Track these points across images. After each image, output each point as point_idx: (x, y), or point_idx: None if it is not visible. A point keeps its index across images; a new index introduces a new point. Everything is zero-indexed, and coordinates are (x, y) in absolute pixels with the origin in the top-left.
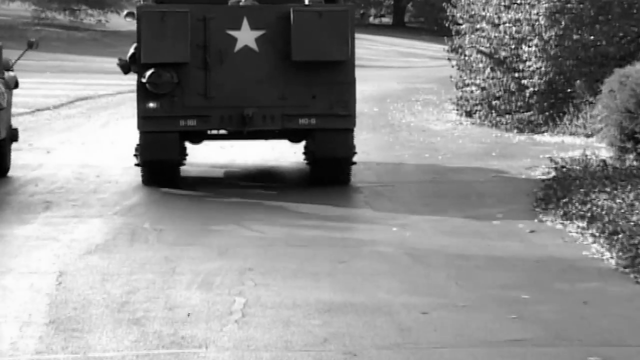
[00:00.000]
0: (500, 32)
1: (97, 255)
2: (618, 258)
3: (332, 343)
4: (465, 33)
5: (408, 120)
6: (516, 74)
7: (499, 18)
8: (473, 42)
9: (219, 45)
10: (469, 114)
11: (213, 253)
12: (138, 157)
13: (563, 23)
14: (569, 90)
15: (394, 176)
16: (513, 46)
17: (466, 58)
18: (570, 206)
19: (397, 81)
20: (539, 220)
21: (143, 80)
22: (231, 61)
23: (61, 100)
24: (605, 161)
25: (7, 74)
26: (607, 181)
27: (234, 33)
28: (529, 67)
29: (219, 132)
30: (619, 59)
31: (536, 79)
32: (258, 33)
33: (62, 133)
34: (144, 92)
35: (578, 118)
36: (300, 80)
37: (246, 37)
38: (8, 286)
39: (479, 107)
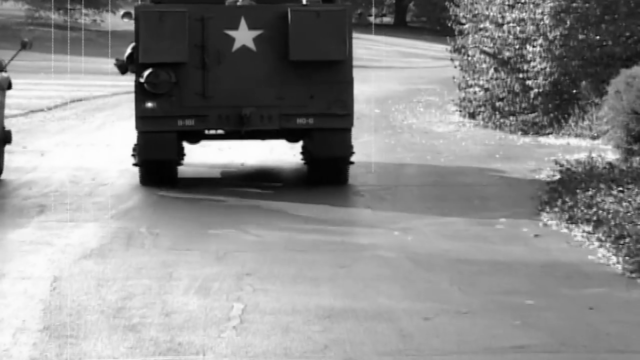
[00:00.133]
0: (504, 32)
1: (93, 260)
2: (625, 263)
3: (333, 350)
4: (468, 33)
5: (410, 122)
6: (520, 75)
7: (503, 17)
8: (476, 42)
9: (217, 45)
10: (472, 116)
11: (211, 258)
12: (136, 157)
13: (568, 22)
14: (575, 91)
15: (396, 179)
16: (517, 46)
17: (469, 58)
18: (575, 210)
19: (399, 82)
20: (544, 224)
21: (141, 80)
22: (229, 61)
23: (55, 101)
24: (611, 163)
25: (0, 75)
26: (614, 184)
27: (232, 33)
28: (534, 68)
29: (217, 132)
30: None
31: (541, 80)
32: (256, 33)
33: (57, 135)
34: (142, 92)
35: (584, 120)
36: (298, 80)
37: (244, 37)
38: (1, 292)
39: (483, 109)
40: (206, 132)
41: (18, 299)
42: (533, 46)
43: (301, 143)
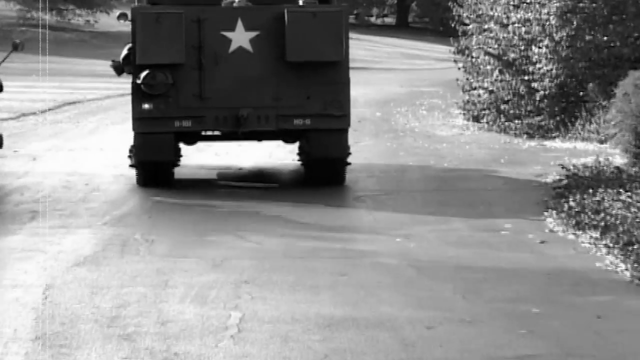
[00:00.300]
0: (509, 33)
1: (86, 267)
2: (633, 270)
3: (333, 359)
4: (472, 34)
5: (412, 125)
6: (526, 77)
7: (508, 18)
8: (480, 43)
9: (214, 46)
10: (477, 119)
11: (207, 265)
12: (133, 158)
13: (575, 23)
14: (581, 93)
15: (398, 184)
16: (522, 47)
17: (473, 60)
18: (582, 215)
19: (401, 84)
20: (550, 230)
21: (138, 81)
22: (226, 62)
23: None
24: (619, 168)
25: None
26: (622, 189)
27: (229, 34)
28: (539, 70)
29: (214, 133)
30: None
31: (547, 82)
32: (252, 34)
33: (49, 139)
34: (139, 93)
35: (591, 123)
36: (294, 80)
37: (241, 38)
38: None
39: (487, 112)
40: (203, 133)
41: (9, 308)
42: (539, 47)
43: (298, 144)
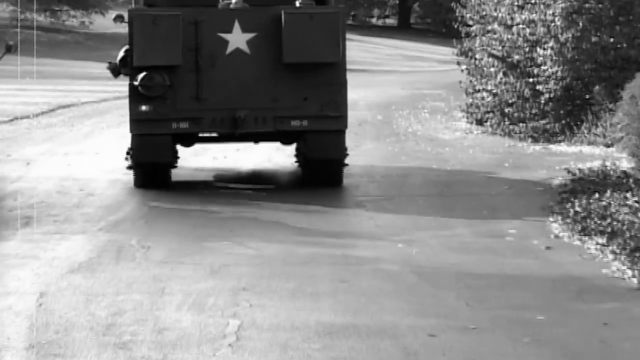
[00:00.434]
0: (513, 34)
1: (81, 274)
2: None
3: None
4: (475, 35)
5: (414, 129)
6: (530, 79)
7: (512, 19)
8: (484, 45)
9: (211, 47)
10: (480, 122)
11: (205, 272)
12: (130, 160)
13: (581, 24)
14: (587, 96)
15: (400, 189)
16: (527, 49)
17: (477, 62)
18: (588, 221)
19: (403, 87)
20: (555, 235)
21: (135, 83)
22: (223, 64)
23: (42, 108)
24: (626, 172)
25: None
26: (629, 194)
27: (226, 36)
28: (544, 72)
29: (211, 135)
30: None
31: (552, 85)
32: (249, 35)
33: (43, 143)
34: (136, 95)
35: (597, 126)
36: (291, 82)
37: (238, 40)
38: None
39: (491, 115)
40: (200, 135)
41: (3, 315)
42: (544, 49)
43: (295, 145)
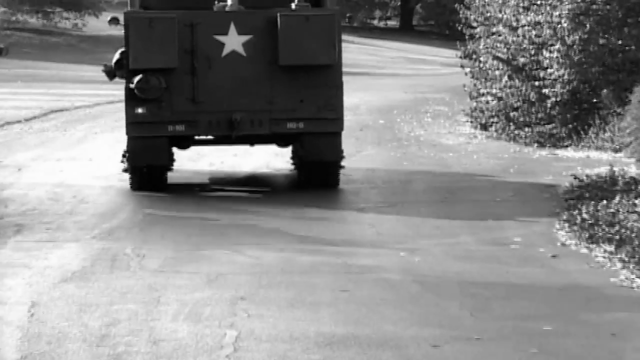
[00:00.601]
0: (518, 36)
1: (74, 283)
2: None
3: None
4: (480, 37)
5: (417, 133)
6: (536, 83)
7: (517, 21)
8: (489, 47)
9: (207, 50)
10: (485, 127)
11: (202, 281)
12: (126, 163)
13: (588, 26)
14: (595, 100)
15: (402, 195)
16: (533, 52)
17: (481, 65)
18: (596, 228)
19: (405, 90)
20: (562, 243)
21: (131, 85)
22: (219, 66)
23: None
24: (635, 178)
25: None
26: (638, 200)
27: (222, 38)
28: (551, 75)
29: (207, 137)
30: None
31: (558, 88)
32: (245, 38)
33: (35, 149)
34: (132, 98)
35: (605, 131)
36: (287, 84)
37: (233, 42)
38: None
39: (496, 119)
40: (196, 138)
41: None
42: (550, 51)
43: (291, 148)
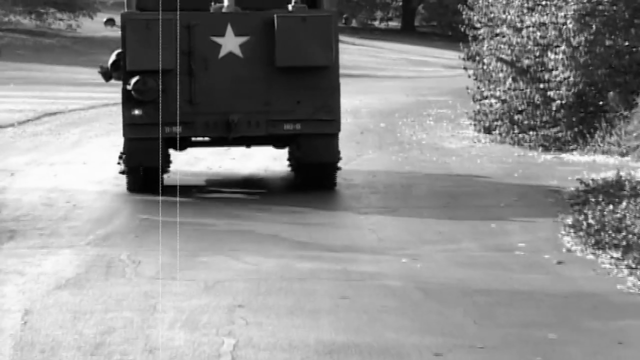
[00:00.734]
0: (523, 38)
1: (68, 290)
2: None
3: None
4: (483, 38)
5: (419, 137)
6: (541, 85)
7: (522, 21)
8: (492, 49)
9: (204, 51)
10: (488, 130)
11: (199, 288)
12: (122, 164)
13: (594, 27)
14: (601, 102)
15: (403, 200)
16: (537, 53)
17: (484, 67)
18: (602, 234)
19: (407, 93)
20: (568, 249)
21: (128, 87)
22: (216, 68)
23: (27, 115)
24: None
25: None
26: None
27: (218, 39)
28: (556, 77)
29: (204, 139)
30: None
31: (564, 91)
32: (242, 39)
33: (28, 153)
34: (129, 99)
35: (611, 134)
36: (284, 85)
37: (230, 44)
38: None
39: (499, 123)
40: (193, 139)
41: None
42: (555, 53)
43: (288, 149)
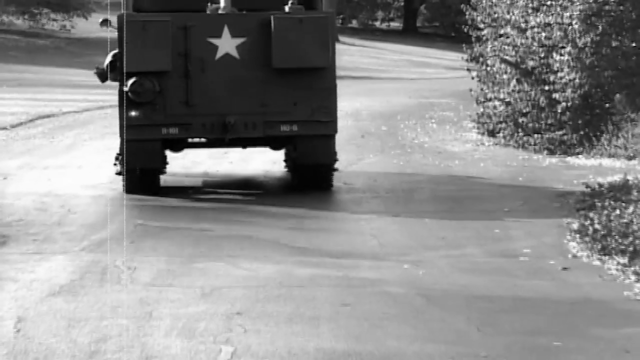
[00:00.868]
0: (527, 39)
1: (62, 297)
2: None
3: None
4: (487, 39)
5: (421, 140)
6: (546, 87)
7: (526, 22)
8: (496, 50)
9: (200, 53)
10: (492, 133)
11: (196, 295)
12: (119, 166)
13: (600, 28)
14: (607, 105)
15: (405, 205)
16: (542, 54)
17: (488, 68)
18: (609, 239)
19: (409, 95)
20: (573, 255)
21: (125, 88)
22: (212, 69)
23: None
24: None
25: None
26: None
27: (215, 41)
28: (561, 79)
29: (201, 140)
30: None
31: (569, 93)
32: (239, 40)
33: (21, 156)
34: (126, 101)
35: (618, 137)
36: (281, 87)
37: (227, 45)
38: None
39: (504, 125)
40: (190, 141)
41: None
42: (560, 54)
43: (284, 150)
